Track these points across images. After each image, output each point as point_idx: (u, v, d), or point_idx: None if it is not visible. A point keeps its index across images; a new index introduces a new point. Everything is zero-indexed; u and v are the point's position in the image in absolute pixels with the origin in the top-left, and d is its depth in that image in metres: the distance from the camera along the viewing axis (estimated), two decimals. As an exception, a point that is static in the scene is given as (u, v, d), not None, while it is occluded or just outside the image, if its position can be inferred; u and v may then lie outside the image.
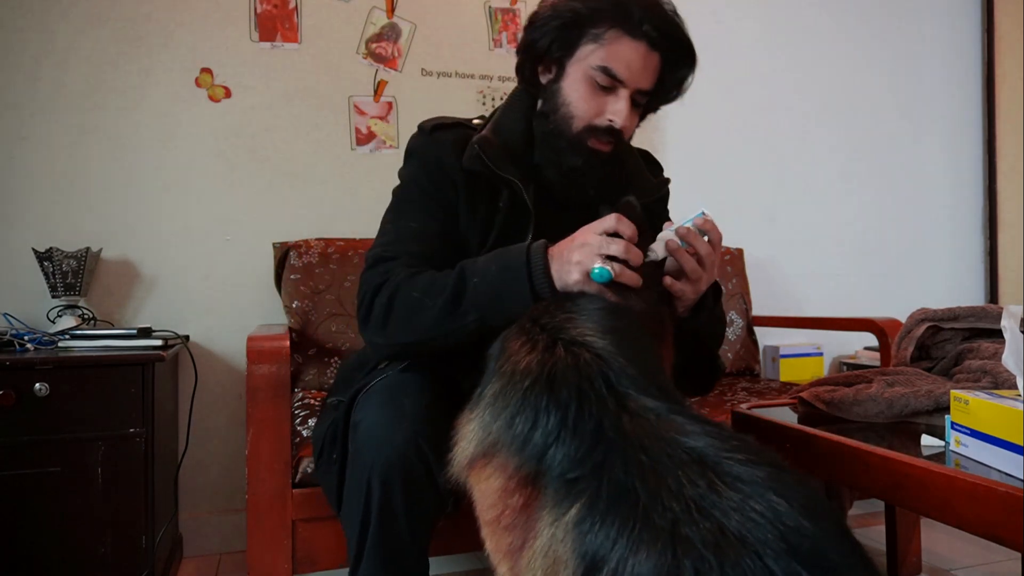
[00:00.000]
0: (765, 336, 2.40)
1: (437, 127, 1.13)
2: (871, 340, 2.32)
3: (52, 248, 1.73)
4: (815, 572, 0.50)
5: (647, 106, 1.12)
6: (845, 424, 1.06)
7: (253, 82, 2.00)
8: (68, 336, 1.59)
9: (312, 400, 1.58)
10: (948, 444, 0.91)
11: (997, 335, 1.15)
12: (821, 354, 2.44)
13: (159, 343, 1.56)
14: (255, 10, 2.01)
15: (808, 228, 2.61)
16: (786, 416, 1.16)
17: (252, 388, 1.23)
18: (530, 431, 0.69)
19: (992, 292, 2.83)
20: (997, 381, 1.03)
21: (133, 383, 1.47)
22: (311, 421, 1.40)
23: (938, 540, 1.91)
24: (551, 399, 0.70)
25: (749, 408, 1.21)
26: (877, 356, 2.24)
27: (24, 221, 1.82)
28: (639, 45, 1.03)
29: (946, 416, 0.92)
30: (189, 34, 1.95)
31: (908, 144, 2.77)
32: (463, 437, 0.77)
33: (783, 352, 2.41)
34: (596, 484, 0.61)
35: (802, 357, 2.42)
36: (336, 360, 1.78)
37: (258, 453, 1.22)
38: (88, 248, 1.76)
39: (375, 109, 2.10)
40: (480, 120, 1.18)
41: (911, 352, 1.24)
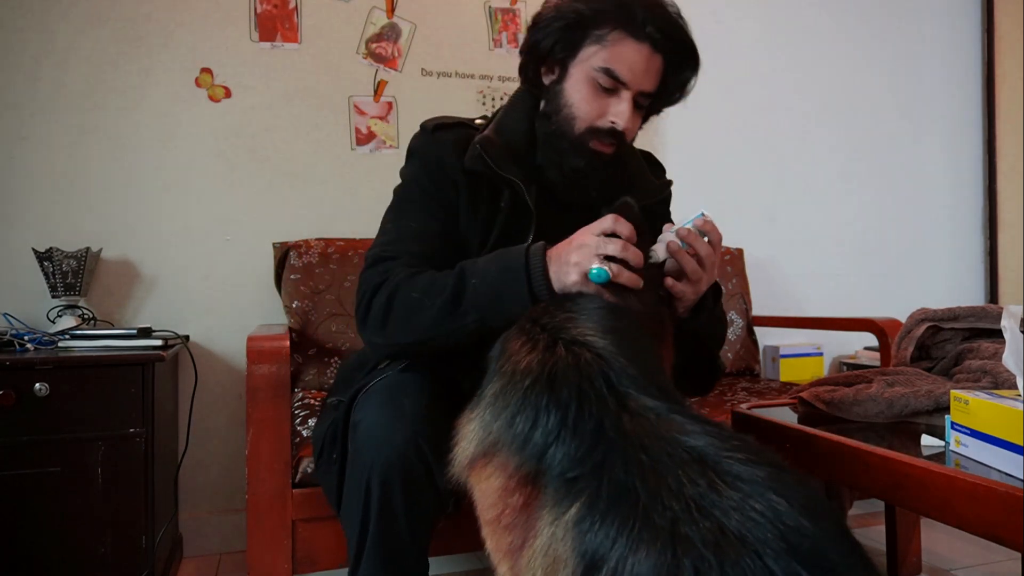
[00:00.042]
0: (765, 336, 2.40)
1: (439, 127, 1.12)
2: (871, 340, 2.32)
3: (52, 248, 1.73)
4: (815, 572, 0.50)
5: (650, 108, 1.12)
6: (845, 424, 1.06)
7: (253, 82, 2.00)
8: (68, 336, 1.59)
9: (312, 400, 1.58)
10: (948, 444, 0.91)
11: (997, 335, 1.15)
12: (821, 354, 2.44)
13: (159, 343, 1.56)
14: (255, 10, 2.01)
15: (808, 228, 2.61)
16: (786, 416, 1.16)
17: (252, 388, 1.23)
18: (530, 430, 0.69)
19: (992, 292, 2.83)
20: (997, 381, 1.03)
21: (133, 383, 1.47)
22: (311, 421, 1.40)
23: (938, 540, 1.91)
24: (551, 398, 0.70)
25: (749, 408, 1.21)
26: (877, 356, 2.24)
27: (24, 221, 1.82)
28: (642, 47, 1.02)
29: (946, 416, 0.92)
30: (189, 34, 1.95)
31: (908, 144, 2.77)
32: (463, 437, 0.77)
33: (783, 352, 2.41)
34: (596, 483, 0.61)
35: (802, 357, 2.42)
36: (336, 360, 1.78)
37: (258, 453, 1.22)
38: (88, 248, 1.76)
39: (375, 109, 2.10)
40: (482, 120, 1.18)
41: (911, 352, 1.24)
